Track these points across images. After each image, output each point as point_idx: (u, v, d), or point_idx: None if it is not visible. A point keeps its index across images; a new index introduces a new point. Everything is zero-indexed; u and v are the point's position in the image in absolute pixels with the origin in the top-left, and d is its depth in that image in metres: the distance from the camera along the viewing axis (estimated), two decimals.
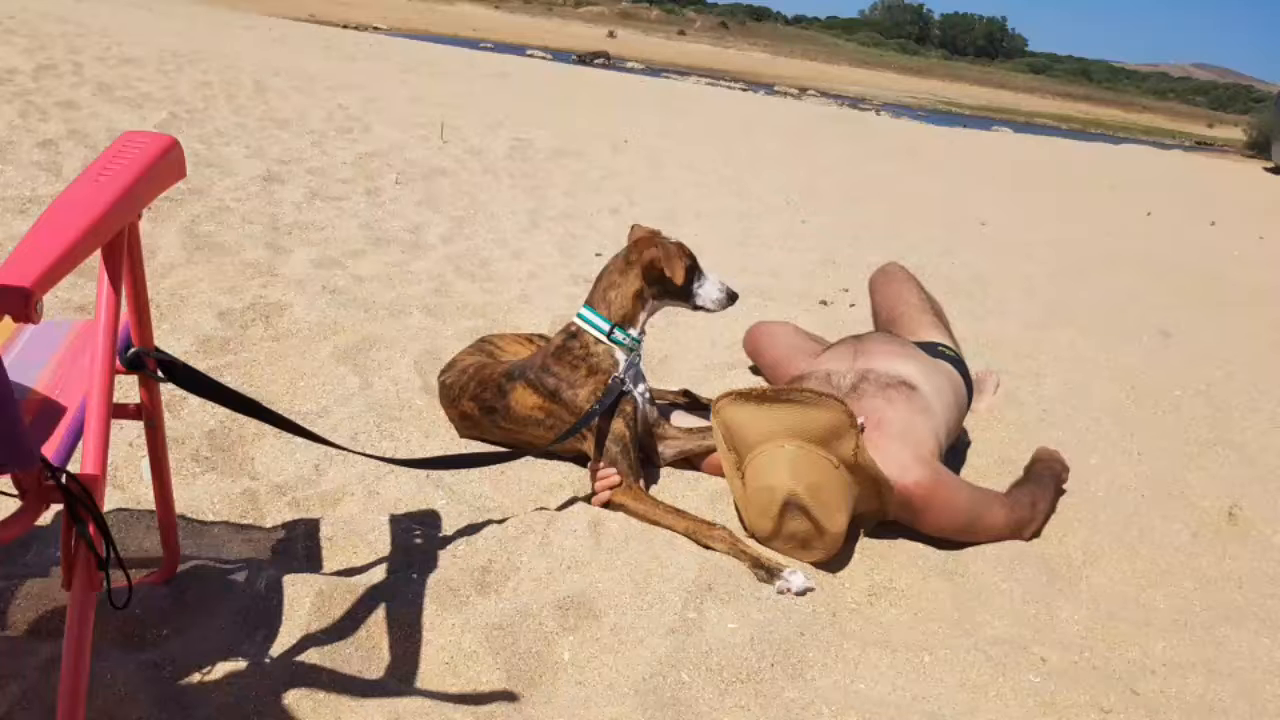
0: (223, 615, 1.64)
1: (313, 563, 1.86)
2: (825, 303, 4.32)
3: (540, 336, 2.79)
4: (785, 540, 2.06)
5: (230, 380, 2.52)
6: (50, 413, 1.28)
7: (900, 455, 2.15)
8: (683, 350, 3.39)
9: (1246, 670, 1.91)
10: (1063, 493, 2.53)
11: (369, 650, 1.63)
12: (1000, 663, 1.81)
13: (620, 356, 2.30)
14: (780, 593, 1.93)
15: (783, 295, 4.34)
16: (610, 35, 63.99)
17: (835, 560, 2.09)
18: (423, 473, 2.20)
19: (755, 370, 3.21)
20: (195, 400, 2.30)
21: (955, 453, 2.70)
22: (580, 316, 2.34)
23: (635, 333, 2.32)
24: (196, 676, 1.50)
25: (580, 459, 2.35)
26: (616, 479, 2.18)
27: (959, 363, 2.68)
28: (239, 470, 2.18)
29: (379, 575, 1.83)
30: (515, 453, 2.24)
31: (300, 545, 1.90)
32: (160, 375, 1.41)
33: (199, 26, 13.56)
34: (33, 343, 1.46)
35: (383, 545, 1.93)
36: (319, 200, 4.58)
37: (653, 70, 33.08)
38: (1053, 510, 2.44)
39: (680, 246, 2.33)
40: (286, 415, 1.62)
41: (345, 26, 27.07)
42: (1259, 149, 20.47)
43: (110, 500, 1.92)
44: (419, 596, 1.76)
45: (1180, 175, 14.64)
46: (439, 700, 1.54)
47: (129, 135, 1.31)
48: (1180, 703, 1.78)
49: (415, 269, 3.84)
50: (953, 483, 2.24)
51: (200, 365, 2.55)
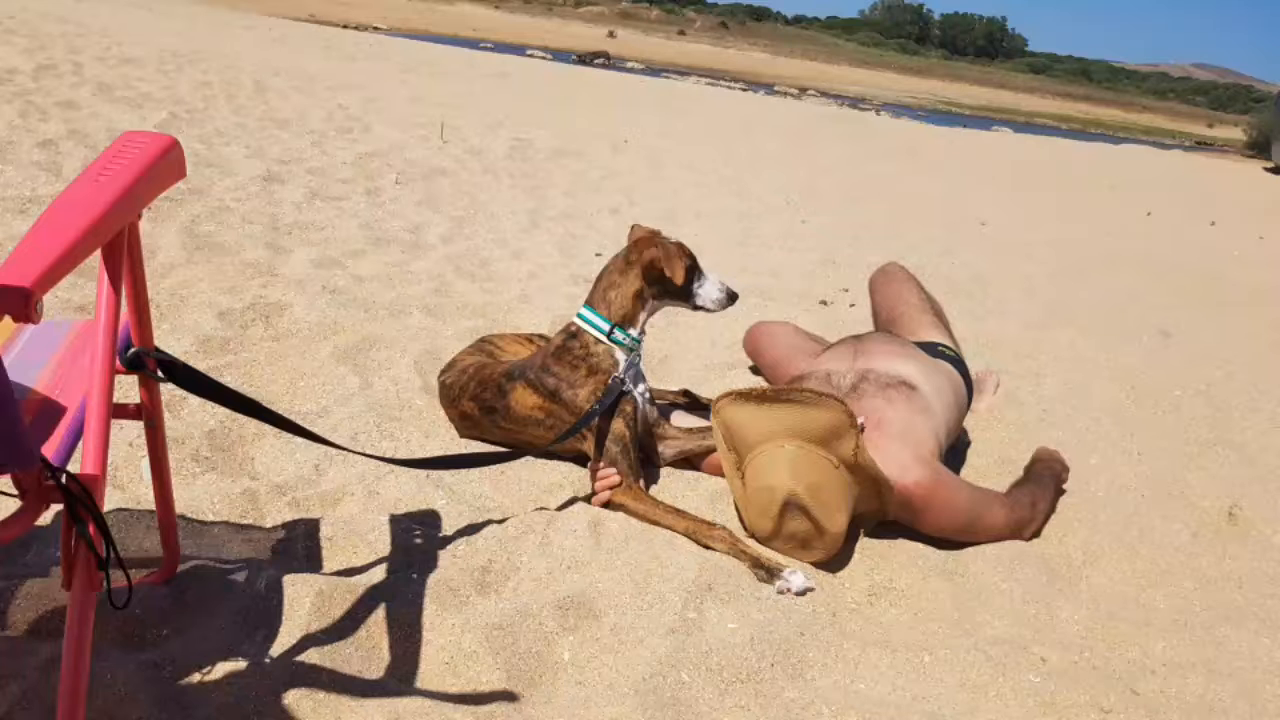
0: (223, 615, 1.64)
1: (313, 563, 1.86)
2: (825, 303, 4.32)
3: (540, 336, 2.79)
4: (785, 540, 2.06)
5: (230, 380, 2.52)
6: (50, 413, 1.28)
7: (900, 455, 2.15)
8: (683, 350, 3.39)
9: (1246, 670, 1.91)
10: (1063, 493, 2.53)
11: (369, 650, 1.63)
12: (1000, 663, 1.81)
13: (620, 356, 2.30)
14: (780, 593, 1.93)
15: (783, 295, 4.34)
16: (610, 35, 63.99)
17: (835, 560, 2.09)
18: (423, 473, 2.20)
19: (755, 370, 3.21)
20: (195, 400, 2.30)
21: (955, 453, 2.70)
22: (580, 316, 2.34)
23: (635, 333, 2.32)
24: (196, 676, 1.50)
25: (580, 459, 2.35)
26: (616, 479, 2.18)
27: (959, 363, 2.68)
28: (239, 470, 2.18)
29: (379, 575, 1.83)
30: (515, 453, 2.24)
31: (300, 545, 1.90)
32: (160, 375, 1.41)
33: (199, 26, 13.56)
34: (33, 343, 1.46)
35: (383, 545, 1.93)
36: (319, 200, 4.58)
37: (653, 70, 33.08)
38: (1053, 510, 2.44)
39: (680, 246, 2.33)
40: (286, 415, 1.62)
41: (345, 26, 27.08)
42: (1259, 149, 20.47)
43: (110, 500, 1.92)
44: (419, 596, 1.76)
45: (1180, 175, 14.64)
46: (439, 700, 1.54)
47: (129, 135, 1.31)
48: (1180, 703, 1.78)
49: (415, 269, 3.84)
50: (953, 483, 2.24)
51: (200, 365, 2.55)
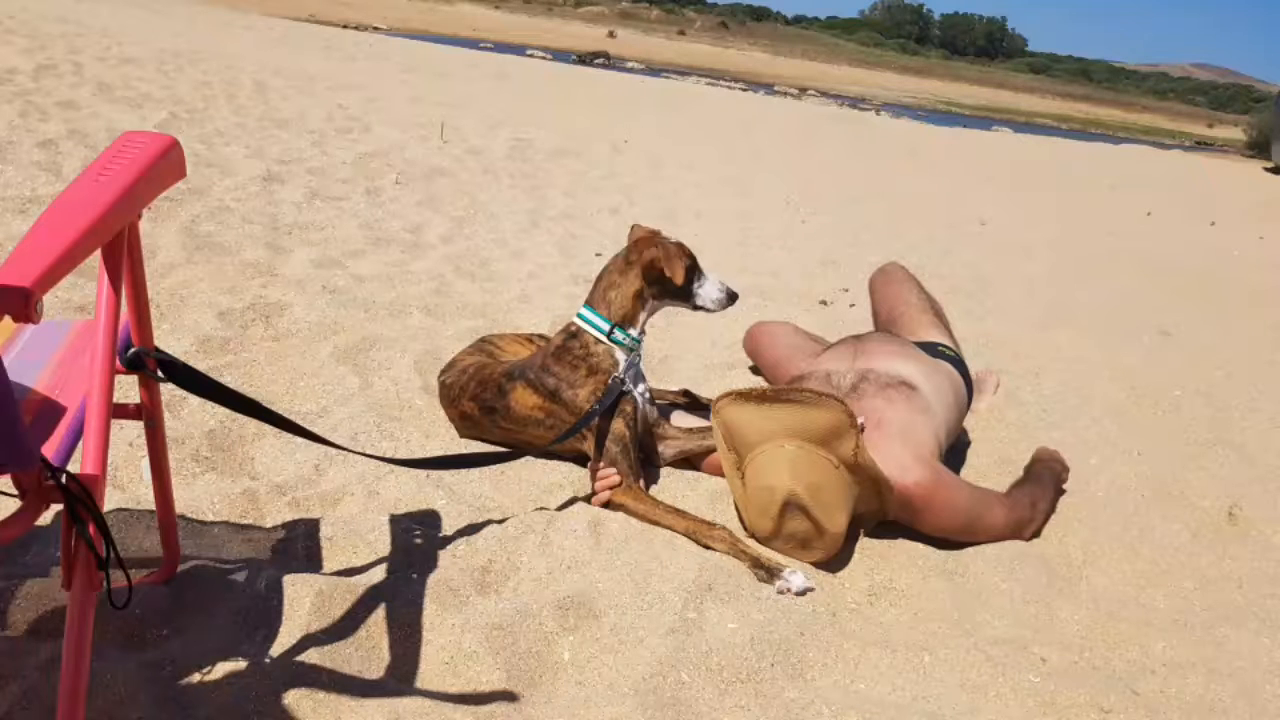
0: (223, 615, 1.64)
1: (313, 563, 1.86)
2: (825, 303, 4.32)
3: (540, 336, 2.79)
4: (785, 540, 2.06)
5: (230, 380, 2.52)
6: (50, 413, 1.28)
7: (900, 455, 2.14)
8: (683, 350, 3.39)
9: (1246, 670, 1.91)
10: (1063, 493, 2.53)
11: (369, 650, 1.63)
12: (1000, 663, 1.81)
13: (620, 356, 2.30)
14: (780, 593, 1.93)
15: (783, 295, 4.35)
16: (610, 35, 63.98)
17: (835, 560, 2.09)
18: (423, 473, 2.20)
19: (755, 370, 3.21)
20: (195, 400, 2.30)
21: (955, 453, 2.70)
22: (580, 316, 2.34)
23: (635, 333, 2.32)
24: (196, 676, 1.50)
25: (580, 459, 2.35)
26: (616, 479, 2.18)
27: (959, 363, 2.68)
28: (239, 470, 2.18)
29: (379, 575, 1.83)
30: (515, 453, 2.24)
31: (300, 545, 1.90)
32: (160, 375, 1.41)
33: (199, 26, 13.56)
34: (33, 343, 1.46)
35: (383, 545, 1.93)
36: (319, 200, 4.58)
37: (653, 70, 33.09)
38: (1053, 510, 2.44)
39: (680, 246, 2.33)
40: (286, 415, 1.62)
41: (345, 26, 27.09)
42: (1259, 149, 20.44)
43: (110, 500, 1.92)
44: (419, 596, 1.76)
45: (1180, 175, 14.63)
46: (439, 700, 1.54)
47: (129, 135, 1.31)
48: (1180, 703, 1.78)
49: (415, 269, 3.84)
50: (953, 483, 2.24)
51: (200, 365, 2.55)
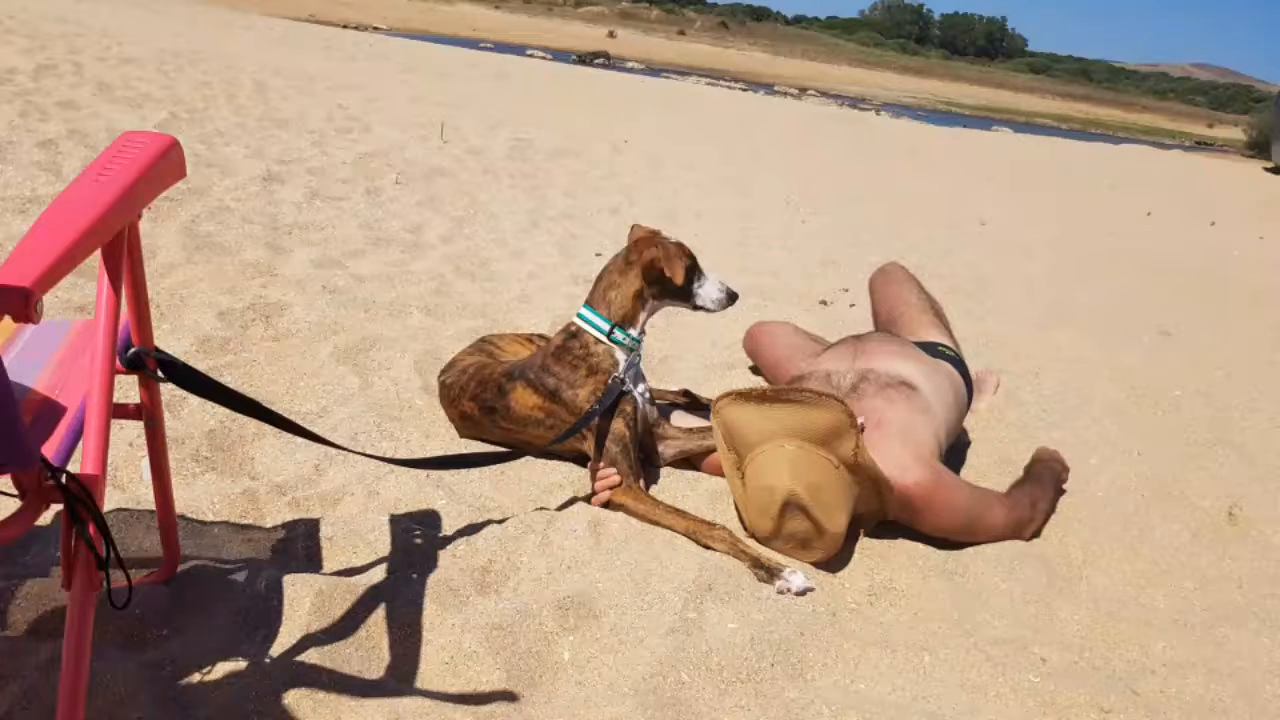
0: (223, 615, 1.64)
1: (313, 563, 1.86)
2: (825, 303, 4.32)
3: (540, 336, 2.79)
4: (785, 540, 2.06)
5: (230, 380, 2.52)
6: (50, 413, 1.28)
7: (900, 455, 2.14)
8: (683, 350, 3.39)
9: (1246, 670, 1.91)
10: (1063, 493, 2.53)
11: (369, 650, 1.63)
12: (1000, 663, 1.81)
13: (620, 356, 2.30)
14: (780, 593, 1.93)
15: (783, 295, 4.35)
16: (610, 35, 63.99)
17: (835, 560, 2.09)
18: (423, 473, 2.20)
19: (755, 370, 3.21)
20: (195, 400, 2.30)
21: (955, 453, 2.70)
22: (580, 316, 2.34)
23: (635, 333, 2.32)
24: (196, 676, 1.50)
25: (580, 459, 2.35)
26: (616, 479, 2.18)
27: (959, 363, 2.68)
28: (239, 470, 2.18)
29: (379, 575, 1.83)
30: (515, 453, 2.24)
31: (300, 545, 1.90)
32: (160, 375, 1.41)
33: (199, 26, 13.56)
34: (33, 343, 1.46)
35: (383, 545, 1.93)
36: (319, 200, 4.58)
37: (653, 70, 33.10)
38: (1053, 510, 2.44)
39: (680, 246, 2.33)
40: (286, 415, 1.62)
41: (345, 26, 27.10)
42: (1259, 149, 20.43)
43: (110, 500, 1.92)
44: (419, 596, 1.76)
45: (1180, 175, 14.63)
46: (439, 700, 1.54)
47: (129, 135, 1.31)
48: (1180, 703, 1.78)
49: (415, 269, 3.84)
50: (953, 483, 2.24)
51: (200, 365, 2.55)
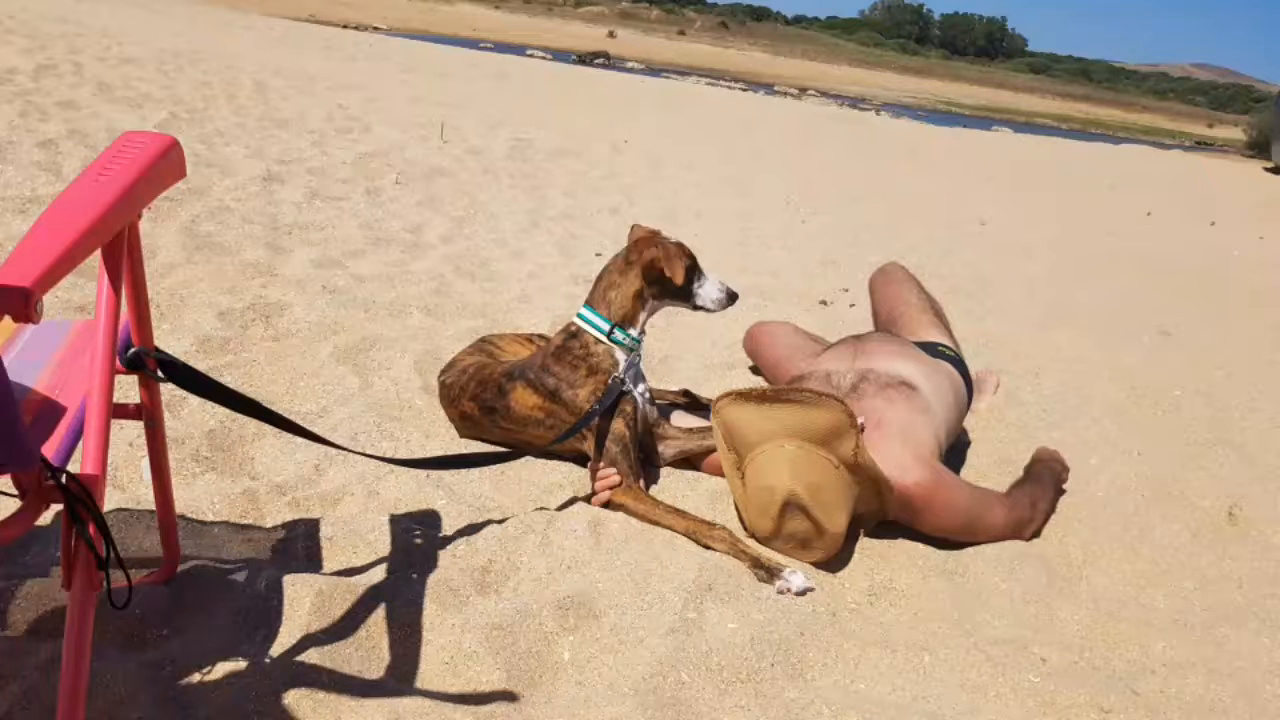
0: (223, 615, 1.64)
1: (313, 563, 1.86)
2: (825, 303, 4.32)
3: (540, 336, 2.79)
4: (785, 540, 2.06)
5: (230, 380, 2.52)
6: (50, 413, 1.28)
7: (900, 455, 2.14)
8: (683, 350, 3.39)
9: (1246, 670, 1.91)
10: (1063, 493, 2.53)
11: (369, 650, 1.63)
12: (1000, 663, 1.81)
13: (620, 356, 2.30)
14: (780, 593, 1.93)
15: (783, 295, 4.35)
16: (610, 35, 63.99)
17: (835, 560, 2.09)
18: (423, 473, 2.20)
19: (755, 370, 3.21)
20: (195, 400, 2.30)
21: (955, 453, 2.70)
22: (580, 316, 2.34)
23: (635, 333, 2.32)
24: (196, 676, 1.50)
25: (580, 459, 2.35)
26: (616, 479, 2.18)
27: (959, 363, 2.68)
28: (239, 470, 2.18)
29: (379, 575, 1.83)
30: (515, 453, 2.24)
31: (300, 545, 1.90)
32: (160, 375, 1.41)
33: (199, 26, 13.56)
34: (33, 343, 1.46)
35: (383, 545, 1.93)
36: (319, 200, 4.58)
37: (653, 70, 33.10)
38: (1053, 510, 2.44)
39: (680, 246, 2.33)
40: (286, 415, 1.62)
41: (345, 26, 27.10)
42: (1259, 149, 20.42)
43: (110, 500, 1.92)
44: (419, 596, 1.76)
45: (1180, 175, 14.63)
46: (439, 700, 1.54)
47: (129, 135, 1.31)
48: (1180, 703, 1.78)
49: (415, 269, 3.84)
50: (953, 483, 2.24)
51: (200, 365, 2.55)
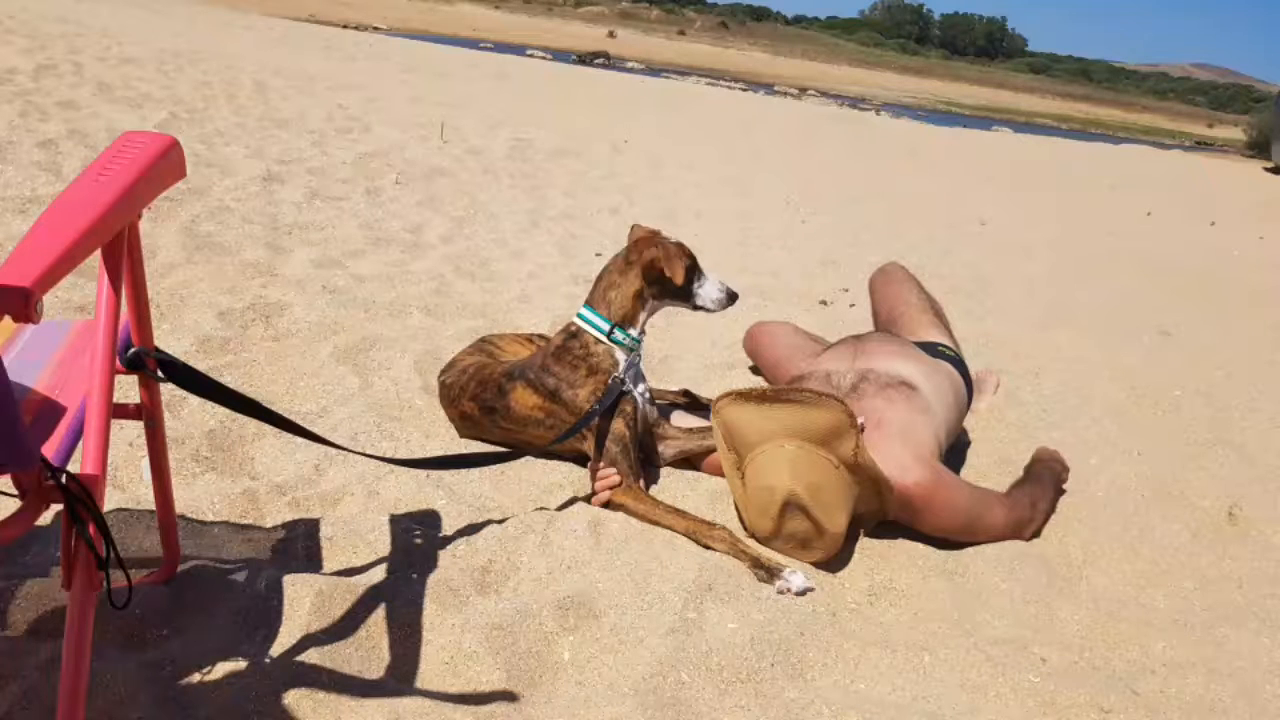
0: (223, 615, 1.64)
1: (313, 563, 1.86)
2: (825, 303, 4.32)
3: (540, 336, 2.79)
4: (785, 540, 2.06)
5: (230, 380, 2.52)
6: (50, 413, 1.28)
7: (900, 455, 2.14)
8: (683, 350, 3.39)
9: (1246, 670, 1.91)
10: (1063, 493, 2.53)
11: (369, 650, 1.63)
12: (1000, 663, 1.81)
13: (620, 356, 2.30)
14: (780, 593, 1.93)
15: (783, 295, 4.35)
16: (610, 35, 63.99)
17: (835, 560, 2.09)
18: (423, 473, 2.20)
19: (755, 370, 3.21)
20: (195, 400, 2.30)
21: (955, 453, 2.70)
22: (580, 316, 2.34)
23: (635, 333, 2.32)
24: (196, 676, 1.50)
25: (580, 459, 2.35)
26: (616, 479, 2.18)
27: (959, 363, 2.68)
28: (239, 470, 2.18)
29: (379, 575, 1.83)
30: (515, 453, 2.24)
31: (300, 545, 1.90)
32: (160, 375, 1.41)
33: (199, 26, 13.56)
34: (33, 343, 1.46)
35: (383, 545, 1.93)
36: (319, 200, 4.58)
37: (653, 70, 33.11)
38: (1053, 510, 2.44)
39: (680, 246, 2.33)
40: (286, 415, 1.62)
41: (345, 26, 27.10)
42: (1259, 149, 20.42)
43: (110, 500, 1.92)
44: (419, 596, 1.76)
45: (1180, 175, 14.63)
46: (439, 700, 1.54)
47: (129, 135, 1.31)
48: (1180, 703, 1.78)
49: (415, 269, 3.84)
50: (953, 483, 2.24)
51: (200, 365, 2.55)
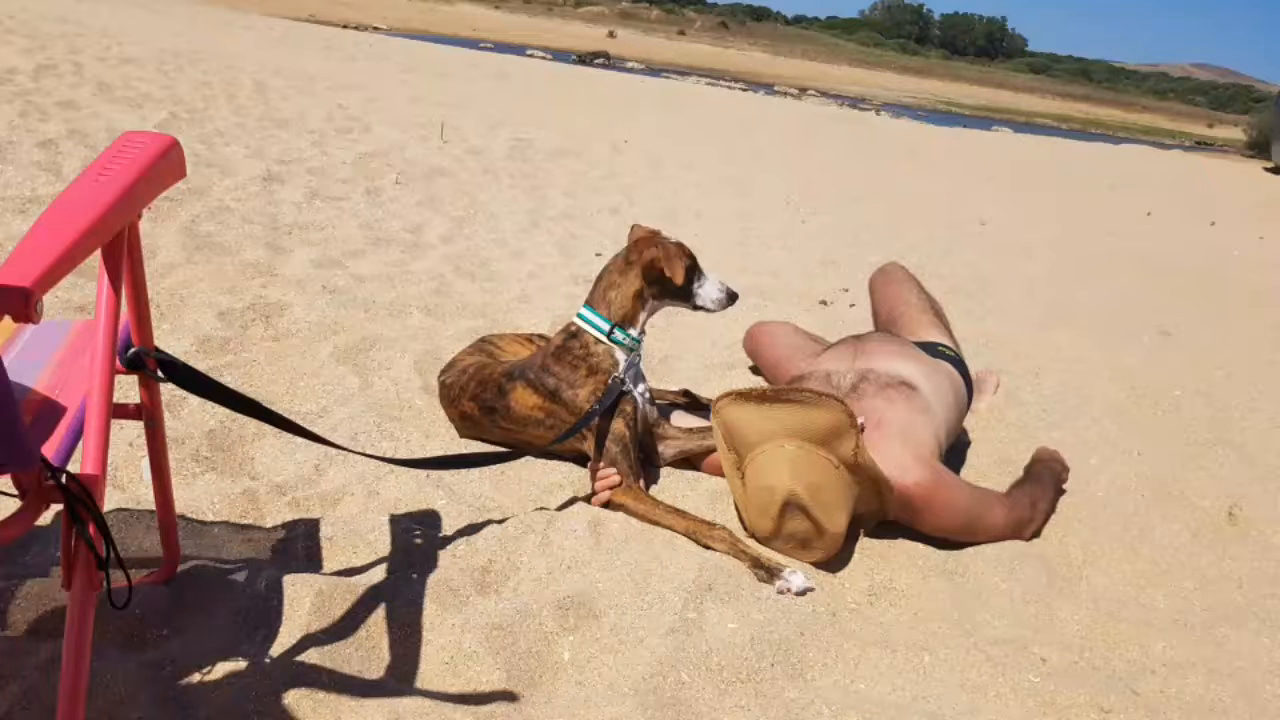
0: (223, 615, 1.64)
1: (313, 563, 1.86)
2: (825, 303, 4.32)
3: (540, 336, 2.79)
4: (785, 540, 2.06)
5: (230, 380, 2.52)
6: (50, 413, 1.28)
7: (900, 455, 2.14)
8: (683, 350, 3.39)
9: (1246, 670, 1.91)
10: (1063, 493, 2.53)
11: (369, 650, 1.63)
12: (1000, 663, 1.81)
13: (620, 356, 2.30)
14: (780, 593, 1.93)
15: (783, 295, 4.35)
16: (610, 35, 63.99)
17: (835, 560, 2.09)
18: (423, 473, 2.20)
19: (755, 370, 3.21)
20: (195, 400, 2.30)
21: (955, 453, 2.70)
22: (580, 316, 2.34)
23: (635, 333, 2.32)
24: (196, 676, 1.50)
25: (580, 459, 2.35)
26: (616, 479, 2.18)
27: (959, 363, 2.68)
28: (239, 470, 2.18)
29: (379, 575, 1.83)
30: (515, 453, 2.24)
31: (300, 545, 1.90)
32: (160, 375, 1.41)
33: (199, 26, 13.56)
34: (33, 343, 1.46)
35: (383, 545, 1.93)
36: (319, 200, 4.58)
37: (653, 70, 33.11)
38: (1053, 510, 2.44)
39: (680, 246, 2.33)
40: (286, 415, 1.62)
41: (345, 26, 27.11)
42: (1259, 149, 20.41)
43: (110, 500, 1.92)
44: (419, 596, 1.76)
45: (1180, 175, 14.63)
46: (439, 700, 1.54)
47: (129, 135, 1.31)
48: (1180, 703, 1.78)
49: (415, 269, 3.84)
50: (953, 483, 2.24)
51: (200, 365, 2.55)
